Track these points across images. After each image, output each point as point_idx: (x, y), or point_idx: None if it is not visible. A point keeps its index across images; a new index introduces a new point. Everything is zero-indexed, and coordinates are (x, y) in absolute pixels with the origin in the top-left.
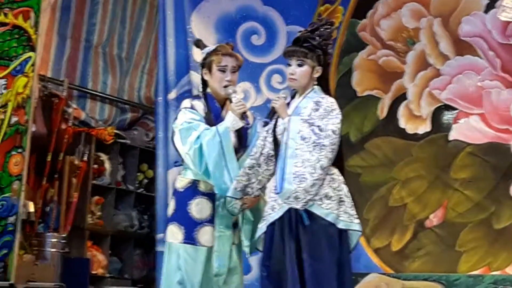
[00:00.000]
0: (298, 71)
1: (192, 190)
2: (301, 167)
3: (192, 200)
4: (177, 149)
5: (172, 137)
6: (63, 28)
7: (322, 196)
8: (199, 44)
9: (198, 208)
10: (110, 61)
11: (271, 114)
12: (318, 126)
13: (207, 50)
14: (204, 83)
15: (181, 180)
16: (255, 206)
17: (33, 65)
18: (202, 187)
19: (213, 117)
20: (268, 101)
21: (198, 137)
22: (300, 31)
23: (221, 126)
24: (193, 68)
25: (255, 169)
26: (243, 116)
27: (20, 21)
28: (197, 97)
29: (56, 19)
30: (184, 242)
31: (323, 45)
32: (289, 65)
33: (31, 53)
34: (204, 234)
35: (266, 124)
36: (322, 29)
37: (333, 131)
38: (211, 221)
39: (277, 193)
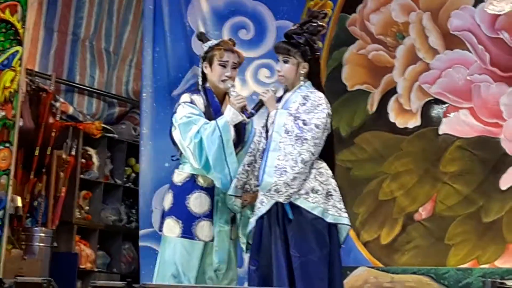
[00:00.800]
0: (284, 67)
1: (191, 184)
2: (283, 160)
3: (190, 194)
4: (176, 143)
5: (170, 131)
6: (50, 21)
7: (308, 190)
8: (202, 37)
9: (197, 202)
10: (98, 54)
11: (258, 106)
12: (303, 120)
13: (209, 44)
14: (204, 77)
15: (179, 174)
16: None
17: (20, 59)
18: (201, 181)
19: (212, 112)
20: (254, 93)
21: (198, 132)
22: (293, 26)
23: (220, 120)
24: (196, 62)
25: (252, 165)
26: (242, 110)
27: (7, 15)
28: (196, 91)
29: (43, 13)
30: (182, 236)
31: (309, 40)
32: (278, 60)
33: (18, 47)
34: (202, 229)
35: (251, 115)
36: (309, 24)
37: (316, 126)
38: (209, 215)
39: (258, 186)
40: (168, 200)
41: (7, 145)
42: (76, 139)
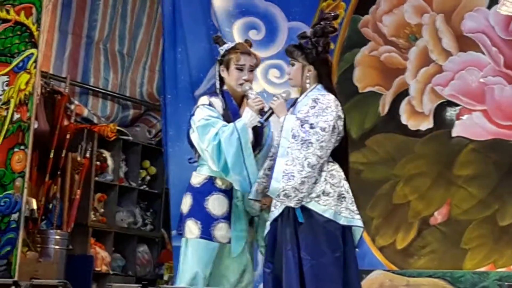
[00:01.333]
0: (291, 70)
1: (209, 186)
2: (291, 165)
3: (209, 196)
4: (193, 146)
5: (187, 133)
6: (65, 24)
7: (319, 193)
8: (218, 40)
9: (215, 204)
10: (112, 57)
11: (268, 114)
12: (311, 124)
13: (225, 47)
14: (221, 80)
15: (197, 176)
16: None
17: (35, 61)
18: (219, 183)
19: (231, 114)
20: (264, 91)
21: (216, 134)
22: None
23: (239, 123)
24: None
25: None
26: (261, 112)
27: (22, 18)
28: (215, 94)
29: (57, 15)
30: (201, 237)
31: (315, 43)
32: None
33: (33, 50)
34: (220, 230)
35: (261, 124)
36: (317, 26)
37: (322, 128)
38: (227, 217)
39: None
40: (187, 203)
41: (22, 147)
42: (90, 141)
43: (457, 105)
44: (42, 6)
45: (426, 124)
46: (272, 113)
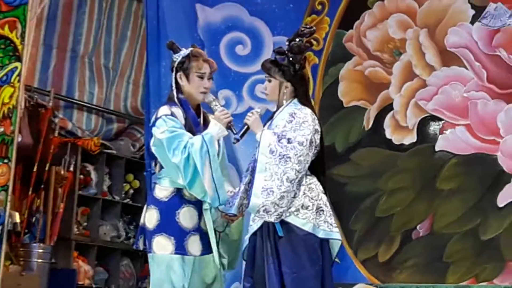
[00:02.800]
0: (268, 86)
1: (178, 199)
2: (269, 181)
3: (179, 209)
4: (154, 157)
5: (147, 145)
6: (49, 38)
7: (298, 207)
8: (173, 47)
9: (187, 216)
10: (97, 71)
11: (244, 130)
12: (289, 138)
13: (182, 53)
14: (177, 88)
15: (162, 189)
16: (238, 225)
17: (19, 75)
18: (187, 195)
19: (192, 123)
20: (250, 108)
21: (185, 147)
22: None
23: (206, 135)
24: None
25: (249, 185)
26: (228, 125)
27: (6, 32)
28: (173, 103)
29: (42, 29)
30: (176, 253)
31: (292, 60)
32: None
33: (17, 63)
34: (193, 243)
35: (237, 140)
36: (293, 43)
37: (300, 143)
38: (197, 229)
39: (247, 208)
40: (152, 217)
41: (5, 161)
42: (74, 155)
43: (440, 119)
44: (27, 20)
45: (410, 138)
46: (248, 129)
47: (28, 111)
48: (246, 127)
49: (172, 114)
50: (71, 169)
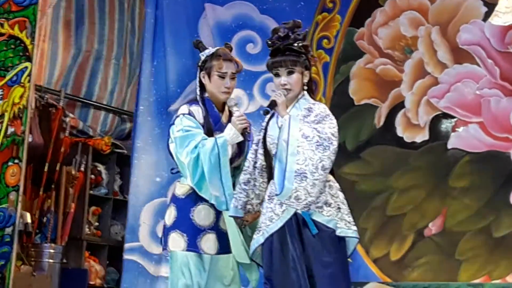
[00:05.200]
0: (290, 80)
1: (195, 196)
2: (303, 165)
3: (195, 207)
4: (173, 157)
5: (167, 143)
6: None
7: (322, 204)
8: (199, 45)
9: (201, 215)
10: (121, 72)
11: (272, 104)
12: (315, 128)
13: (207, 52)
14: (202, 86)
15: (181, 186)
16: (254, 223)
17: (29, 75)
18: None
19: (212, 122)
20: (261, 107)
21: (195, 147)
22: (269, 40)
23: (220, 139)
24: None
25: (251, 184)
26: (243, 132)
27: (16, 31)
28: (195, 102)
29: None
30: (188, 250)
31: (304, 48)
32: (278, 75)
33: (27, 63)
34: (207, 242)
35: (267, 112)
36: (294, 34)
37: (333, 134)
38: (213, 228)
39: (277, 194)
40: (171, 214)
41: (16, 161)
42: (85, 155)
43: (452, 117)
44: (36, 19)
45: (422, 136)
46: (275, 105)
47: (39, 111)
48: (274, 103)
49: (190, 113)
50: (82, 169)
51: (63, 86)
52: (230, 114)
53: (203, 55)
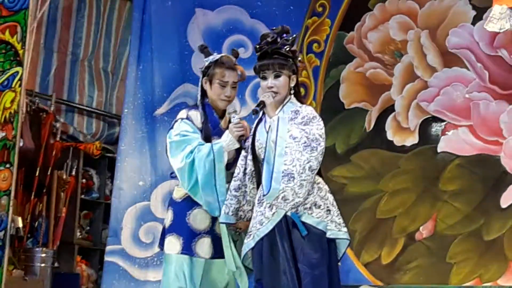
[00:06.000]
0: (277, 82)
1: (191, 200)
2: (290, 165)
3: (190, 211)
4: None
5: (166, 147)
6: (50, 42)
7: (311, 205)
8: (204, 50)
9: (197, 218)
10: (96, 74)
11: (261, 105)
12: (303, 130)
13: (211, 58)
14: (203, 91)
15: (178, 190)
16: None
17: (20, 80)
18: None
19: (210, 127)
20: None
21: (191, 152)
22: (257, 44)
23: (216, 145)
24: (190, 81)
25: (242, 190)
26: (240, 139)
27: (7, 36)
28: (194, 106)
29: (42, 34)
30: (182, 253)
31: (292, 53)
32: (264, 78)
33: (18, 68)
34: (202, 245)
35: (256, 112)
36: (282, 39)
37: (320, 135)
38: (209, 232)
39: (264, 195)
40: (168, 217)
41: (7, 165)
42: (76, 159)
43: (442, 120)
44: (27, 24)
45: (412, 140)
46: (264, 106)
47: (30, 116)
48: (262, 104)
49: (188, 118)
50: (73, 173)
51: (42, 89)
52: (230, 120)
53: (207, 61)
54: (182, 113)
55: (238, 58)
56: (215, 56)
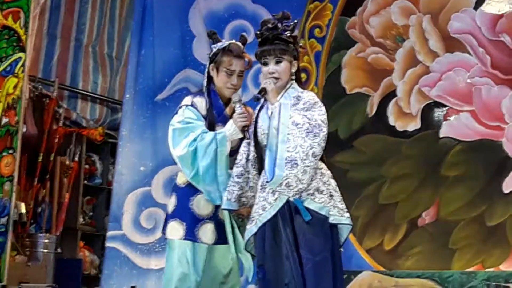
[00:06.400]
0: (279, 68)
1: (194, 186)
2: (293, 152)
3: (194, 196)
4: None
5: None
6: (53, 28)
7: (314, 191)
8: (213, 36)
9: (201, 204)
10: (101, 60)
11: (262, 92)
12: (305, 116)
13: (219, 45)
14: (209, 78)
15: (182, 175)
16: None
17: (23, 65)
18: None
19: (215, 114)
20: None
21: (194, 140)
22: (258, 31)
23: (220, 134)
24: (192, 66)
25: (244, 176)
26: (244, 129)
27: (10, 22)
28: (200, 93)
29: (45, 19)
30: (185, 239)
31: (293, 38)
32: (266, 64)
33: (21, 54)
34: (205, 231)
35: (257, 99)
36: (283, 25)
37: (322, 121)
38: (212, 218)
39: (268, 182)
40: (172, 203)
41: (10, 151)
42: (79, 145)
43: (444, 105)
44: (30, 10)
45: (414, 125)
46: (265, 93)
47: (33, 102)
48: (264, 91)
49: (193, 105)
50: (76, 159)
51: (45, 75)
52: (234, 109)
53: (215, 47)
54: (187, 100)
55: (245, 44)
56: (224, 43)
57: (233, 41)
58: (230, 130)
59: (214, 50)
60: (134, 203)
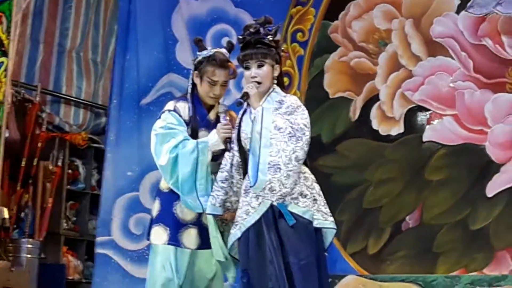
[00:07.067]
0: (261, 72)
1: None
2: (276, 156)
3: (177, 201)
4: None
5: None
6: (36, 33)
7: (297, 195)
8: (199, 44)
9: (184, 209)
10: (84, 65)
11: (245, 96)
12: (288, 120)
13: (204, 53)
14: (193, 84)
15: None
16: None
17: (5, 70)
18: None
19: (198, 119)
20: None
21: (175, 146)
22: (240, 35)
23: (202, 144)
24: (175, 71)
25: (229, 181)
26: (226, 140)
27: None
28: (183, 98)
29: (28, 24)
30: (168, 244)
31: (275, 42)
32: (248, 68)
33: (3, 58)
34: (188, 236)
35: (240, 103)
36: (265, 29)
37: (305, 125)
38: (195, 223)
39: (251, 186)
40: (155, 208)
41: None
42: (62, 149)
43: (427, 110)
44: (12, 15)
45: (397, 129)
46: (248, 98)
47: (15, 106)
48: (246, 96)
49: (175, 110)
50: (59, 163)
51: (29, 80)
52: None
53: (200, 55)
54: (170, 105)
55: (231, 50)
56: (209, 52)
57: (218, 49)
58: (212, 140)
59: (199, 58)
60: (122, 209)
